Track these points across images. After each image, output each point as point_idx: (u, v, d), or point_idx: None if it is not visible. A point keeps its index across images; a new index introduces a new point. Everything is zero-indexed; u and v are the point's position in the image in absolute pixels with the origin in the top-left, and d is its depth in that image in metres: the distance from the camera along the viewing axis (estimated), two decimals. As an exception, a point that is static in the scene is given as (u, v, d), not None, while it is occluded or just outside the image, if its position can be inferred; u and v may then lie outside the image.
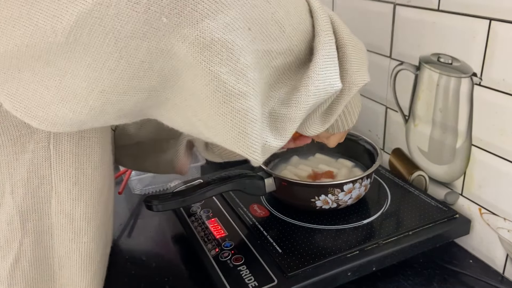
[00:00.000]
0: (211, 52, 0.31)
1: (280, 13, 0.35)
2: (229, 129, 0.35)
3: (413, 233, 0.62)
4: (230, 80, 0.33)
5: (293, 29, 0.36)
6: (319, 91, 0.39)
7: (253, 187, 0.65)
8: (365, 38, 0.81)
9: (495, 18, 0.56)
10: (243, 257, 0.59)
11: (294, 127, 0.39)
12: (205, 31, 0.31)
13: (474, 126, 0.63)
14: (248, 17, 0.32)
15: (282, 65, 0.37)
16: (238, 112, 0.34)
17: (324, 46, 0.38)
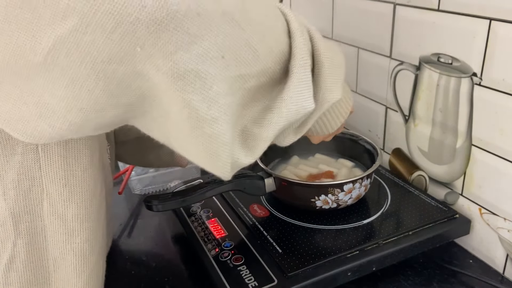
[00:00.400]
0: (184, 82, 0.33)
1: (255, 39, 0.35)
2: (201, 151, 0.36)
3: (413, 233, 0.62)
4: (202, 107, 0.34)
5: (267, 52, 0.37)
6: (291, 113, 0.40)
7: (253, 187, 0.65)
8: (365, 38, 0.81)
9: (495, 18, 0.56)
10: (243, 257, 0.59)
11: (265, 145, 0.41)
12: (179, 63, 0.32)
13: (474, 126, 0.63)
14: (221, 46, 0.33)
15: (256, 86, 0.38)
16: (209, 136, 0.35)
17: (299, 69, 0.39)
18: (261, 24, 0.36)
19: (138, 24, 0.29)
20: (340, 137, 0.79)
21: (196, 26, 0.31)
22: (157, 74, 0.32)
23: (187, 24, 0.31)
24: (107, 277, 0.63)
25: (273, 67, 0.38)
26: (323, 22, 0.92)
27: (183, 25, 0.31)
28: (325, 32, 0.93)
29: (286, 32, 0.40)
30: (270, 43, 0.37)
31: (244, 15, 0.34)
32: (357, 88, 0.88)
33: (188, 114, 0.34)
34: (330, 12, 0.89)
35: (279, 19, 0.39)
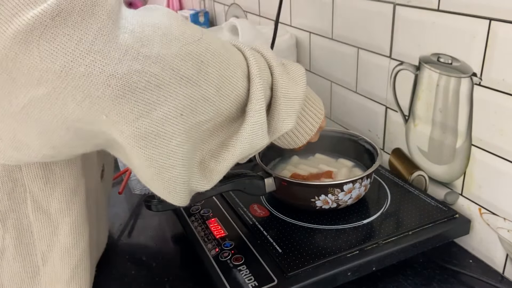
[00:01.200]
0: (145, 142, 0.37)
1: (210, 92, 0.39)
2: (162, 189, 0.41)
3: (413, 233, 0.62)
4: (161, 159, 0.38)
5: (224, 100, 0.41)
6: (245, 150, 0.45)
7: (253, 187, 0.65)
8: (365, 38, 0.81)
9: (495, 18, 0.56)
10: (243, 257, 0.59)
11: (220, 176, 0.46)
12: (140, 128, 0.36)
13: (474, 126, 0.63)
14: (179, 106, 0.37)
15: (212, 126, 0.42)
16: (168, 180, 0.40)
17: (254, 114, 0.43)
18: (219, 76, 0.40)
19: (104, 97, 0.33)
20: (340, 137, 0.79)
21: (155, 96, 0.35)
22: (121, 137, 0.36)
23: (147, 95, 0.34)
24: (108, 277, 0.63)
25: (230, 109, 0.42)
26: (323, 22, 0.92)
27: (143, 96, 0.34)
28: (325, 32, 0.93)
29: (245, 76, 0.43)
30: (227, 91, 0.41)
31: (201, 73, 0.38)
32: (357, 88, 0.88)
33: (149, 164, 0.38)
34: (330, 12, 0.89)
35: (239, 66, 0.43)
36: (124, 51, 0.32)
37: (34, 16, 0.29)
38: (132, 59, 0.32)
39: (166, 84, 0.35)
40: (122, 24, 0.33)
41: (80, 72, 0.31)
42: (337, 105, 0.96)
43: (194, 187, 0.44)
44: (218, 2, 1.54)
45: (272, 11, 1.17)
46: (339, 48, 0.90)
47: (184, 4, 1.90)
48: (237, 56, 0.44)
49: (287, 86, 0.47)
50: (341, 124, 0.97)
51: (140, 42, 0.33)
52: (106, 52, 0.31)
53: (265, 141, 0.46)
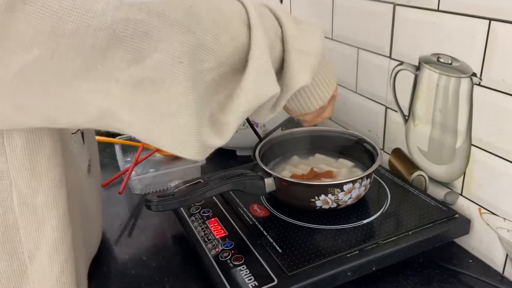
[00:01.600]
0: (141, 88, 0.36)
1: (208, 39, 0.38)
2: (172, 141, 0.40)
3: (413, 233, 0.62)
4: (160, 106, 0.38)
5: (223, 48, 0.40)
6: (250, 101, 0.43)
7: (253, 187, 0.65)
8: (365, 38, 0.81)
9: (495, 18, 0.56)
10: (243, 257, 0.59)
11: (233, 129, 0.44)
12: (134, 75, 0.36)
13: (473, 126, 0.63)
14: (177, 53, 0.36)
15: (218, 76, 0.41)
16: (173, 129, 0.39)
17: (255, 61, 0.41)
18: (213, 23, 0.39)
19: (94, 50, 0.33)
20: (340, 137, 0.79)
21: (146, 43, 0.35)
22: (117, 87, 0.36)
23: (136, 43, 0.34)
24: (108, 277, 0.63)
25: (231, 58, 0.41)
26: (323, 22, 0.93)
27: (133, 44, 0.34)
28: (325, 32, 0.93)
29: (245, 24, 0.42)
30: (225, 39, 0.40)
31: (193, 19, 0.37)
32: (357, 88, 0.88)
33: (148, 112, 0.38)
34: (330, 12, 0.89)
35: (235, 13, 0.41)
36: (106, 2, 0.32)
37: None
38: (115, 9, 0.33)
39: (155, 31, 0.35)
40: None
41: (68, 30, 0.32)
42: (337, 105, 0.96)
43: (207, 141, 0.42)
44: (218, 2, 1.53)
45: (272, 11, 1.17)
46: (339, 48, 0.90)
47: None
48: (232, 4, 0.42)
49: (299, 38, 0.46)
50: (341, 124, 0.97)
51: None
52: (89, 6, 0.32)
53: (273, 89, 0.44)
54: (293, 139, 0.79)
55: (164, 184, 0.85)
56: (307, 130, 0.81)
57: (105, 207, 0.81)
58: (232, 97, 0.43)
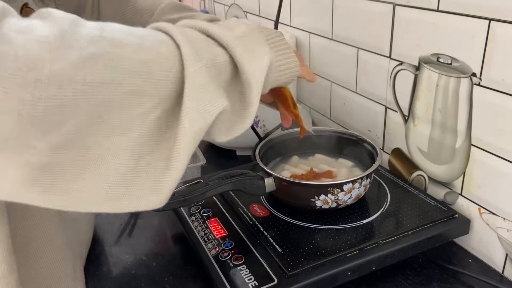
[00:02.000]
0: (62, 152, 0.33)
1: (138, 82, 0.35)
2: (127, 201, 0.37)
3: (413, 233, 0.62)
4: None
5: (158, 83, 0.36)
6: (195, 121, 0.38)
7: (253, 187, 0.65)
8: (365, 38, 0.82)
9: (494, 18, 0.56)
10: (243, 257, 0.59)
11: (184, 161, 0.39)
12: (52, 142, 0.32)
13: (473, 126, 0.63)
14: (96, 111, 0.32)
15: (162, 113, 0.37)
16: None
17: (189, 78, 0.37)
18: (141, 63, 0.35)
19: (4, 133, 0.30)
20: (340, 137, 0.79)
21: (59, 115, 0.31)
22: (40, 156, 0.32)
23: (50, 118, 0.30)
24: (108, 277, 0.64)
25: (171, 88, 0.38)
26: (323, 22, 0.93)
27: (46, 120, 0.30)
28: (325, 32, 0.93)
29: (176, 48, 0.38)
30: (159, 74, 0.36)
31: (116, 71, 0.33)
32: (357, 88, 0.88)
33: None
34: (330, 12, 0.89)
35: (161, 43, 0.38)
36: (9, 80, 0.28)
37: None
38: (20, 88, 0.29)
39: (69, 101, 0.31)
40: (5, 51, 0.29)
41: None
42: (337, 105, 0.97)
43: (165, 189, 0.38)
44: (218, 2, 1.54)
45: (272, 11, 1.17)
46: (339, 48, 0.90)
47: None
48: (156, 35, 0.39)
49: (227, 31, 0.43)
50: (341, 124, 0.97)
51: (26, 67, 0.29)
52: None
53: (217, 104, 0.39)
54: (293, 139, 0.79)
55: (164, 184, 0.85)
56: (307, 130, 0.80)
57: (105, 207, 0.81)
58: (178, 125, 0.38)
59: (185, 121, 0.37)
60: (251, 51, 0.43)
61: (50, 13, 0.33)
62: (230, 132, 0.44)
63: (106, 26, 0.35)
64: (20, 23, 0.31)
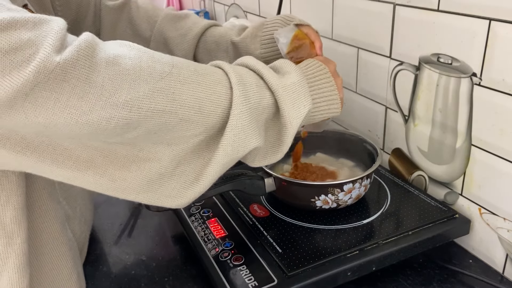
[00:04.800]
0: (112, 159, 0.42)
1: (190, 113, 0.42)
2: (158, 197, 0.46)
3: (413, 233, 0.62)
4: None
5: (208, 116, 0.44)
6: (229, 154, 0.46)
7: (253, 187, 0.65)
8: (365, 38, 0.81)
9: (495, 18, 0.56)
10: (243, 257, 0.59)
11: (211, 180, 0.47)
12: (113, 147, 0.41)
13: (474, 126, 0.63)
14: (153, 129, 0.41)
15: (203, 138, 0.45)
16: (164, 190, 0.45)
17: (232, 118, 0.45)
18: (196, 99, 0.43)
19: (79, 139, 0.40)
20: (340, 137, 0.79)
21: (125, 129, 0.39)
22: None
23: (117, 131, 0.39)
24: (108, 277, 0.64)
25: (219, 122, 0.45)
26: (323, 22, 0.93)
27: (114, 132, 0.39)
28: (325, 32, 0.93)
29: (228, 88, 0.46)
30: (210, 109, 0.44)
31: (175, 103, 0.41)
32: (357, 88, 0.88)
33: None
34: (330, 12, 0.89)
35: (218, 83, 0.45)
36: (93, 103, 0.37)
37: (16, 87, 0.34)
38: (101, 109, 0.37)
39: (134, 121, 0.39)
40: (93, 79, 0.37)
41: (61, 123, 0.36)
42: (337, 105, 0.96)
43: (190, 196, 0.46)
44: (218, 2, 1.54)
45: (272, 11, 1.17)
46: (339, 48, 0.90)
47: (184, 4, 1.90)
48: (215, 75, 0.46)
49: (278, 79, 0.49)
50: (341, 124, 0.97)
51: (108, 93, 0.37)
52: (79, 107, 0.36)
53: (251, 143, 0.47)
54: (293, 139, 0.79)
55: (164, 184, 0.85)
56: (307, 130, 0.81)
57: (105, 207, 0.81)
58: (214, 151, 0.46)
59: (220, 150, 0.45)
60: (294, 100, 0.49)
61: (128, 44, 0.42)
62: (262, 162, 0.51)
63: (177, 62, 0.43)
64: (109, 52, 0.39)
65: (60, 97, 0.36)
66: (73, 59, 0.36)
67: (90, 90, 0.37)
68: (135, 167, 0.42)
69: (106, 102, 0.37)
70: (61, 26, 0.37)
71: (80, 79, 0.36)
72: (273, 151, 0.51)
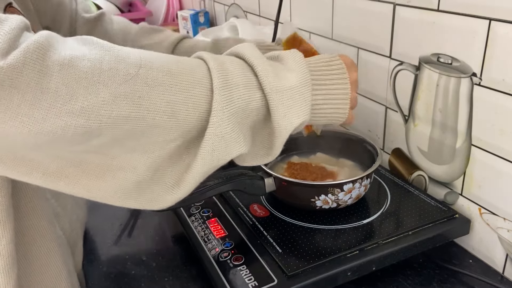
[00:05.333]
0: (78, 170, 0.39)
1: (161, 119, 0.38)
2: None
3: (413, 233, 0.62)
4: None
5: (183, 121, 0.40)
6: (207, 163, 0.43)
7: (253, 187, 0.65)
8: (365, 38, 0.81)
9: (495, 18, 0.56)
10: (243, 257, 0.59)
11: (190, 187, 0.44)
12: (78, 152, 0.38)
13: (474, 126, 0.63)
14: (119, 137, 0.37)
15: (180, 143, 0.42)
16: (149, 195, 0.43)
17: (210, 126, 0.41)
18: (168, 103, 0.38)
19: (34, 151, 0.36)
20: (340, 137, 0.79)
21: (85, 139, 0.36)
22: None
23: (77, 140, 0.36)
24: (108, 277, 0.63)
25: (198, 126, 0.41)
26: (323, 22, 0.93)
27: (72, 142, 0.36)
28: (325, 32, 0.93)
29: (209, 90, 0.41)
30: (184, 114, 0.40)
31: (141, 108, 0.37)
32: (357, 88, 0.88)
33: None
34: (330, 12, 0.89)
35: (197, 85, 0.41)
36: (46, 111, 0.34)
37: None
38: (55, 117, 0.34)
39: (95, 129, 0.35)
40: (45, 85, 0.34)
41: (12, 132, 0.34)
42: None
43: (169, 200, 0.44)
44: (218, 2, 1.54)
45: (272, 11, 1.17)
46: (339, 48, 0.90)
47: (184, 4, 1.90)
48: (194, 74, 0.41)
49: (275, 79, 0.44)
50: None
51: (62, 100, 0.34)
52: (31, 114, 0.33)
53: (235, 150, 0.43)
54: (293, 139, 0.79)
55: (164, 184, 0.85)
56: (307, 130, 0.81)
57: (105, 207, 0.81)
58: (194, 156, 0.42)
59: (198, 159, 0.42)
60: (288, 109, 0.44)
61: (92, 40, 0.38)
62: (252, 163, 0.48)
63: (146, 62, 0.38)
64: (65, 53, 0.35)
65: (10, 104, 0.33)
66: (18, 64, 0.32)
67: (42, 97, 0.33)
68: (109, 176, 0.39)
69: (61, 109, 0.34)
70: (13, 26, 0.34)
71: (30, 85, 0.33)
72: (264, 153, 0.48)
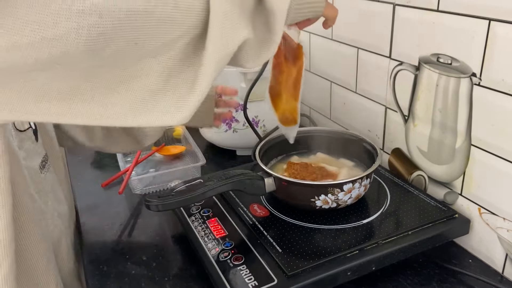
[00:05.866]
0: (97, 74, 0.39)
1: (167, 9, 0.38)
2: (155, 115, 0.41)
3: (413, 233, 0.62)
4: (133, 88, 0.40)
5: (186, 13, 0.39)
6: (218, 45, 0.42)
7: (253, 187, 0.65)
8: (365, 38, 0.82)
9: (494, 19, 0.56)
10: (243, 257, 0.59)
11: (209, 81, 0.42)
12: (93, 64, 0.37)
13: (473, 126, 0.63)
14: (131, 38, 0.37)
15: (188, 40, 0.41)
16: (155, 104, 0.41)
17: (214, 9, 0.40)
18: None
19: (52, 58, 0.35)
20: (340, 137, 0.79)
21: (101, 41, 0.35)
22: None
23: (92, 45, 0.35)
24: (108, 277, 0.64)
25: (198, 21, 0.41)
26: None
27: (89, 46, 0.35)
28: (325, 32, 0.93)
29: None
30: (186, 4, 0.39)
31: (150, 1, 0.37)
32: (356, 88, 0.88)
33: None
34: (330, 12, 0.89)
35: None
36: (56, 14, 0.33)
37: None
38: (66, 20, 0.33)
39: (109, 30, 0.35)
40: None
41: (24, 43, 0.33)
42: (337, 105, 0.97)
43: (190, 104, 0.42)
44: (218, 2, 1.53)
45: None
46: (339, 49, 0.90)
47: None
48: None
49: None
50: (341, 124, 0.97)
51: (71, 1, 0.33)
52: (41, 20, 0.33)
53: (241, 32, 0.43)
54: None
55: (164, 184, 0.85)
56: (307, 130, 0.81)
57: (105, 207, 0.81)
58: (203, 52, 0.42)
59: (209, 48, 0.41)
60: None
61: None
62: (257, 59, 0.47)
63: None
64: None
65: (17, 13, 0.32)
66: None
67: (49, 1, 0.33)
68: (123, 88, 0.39)
69: (71, 10, 0.33)
70: None
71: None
72: (266, 44, 0.47)
